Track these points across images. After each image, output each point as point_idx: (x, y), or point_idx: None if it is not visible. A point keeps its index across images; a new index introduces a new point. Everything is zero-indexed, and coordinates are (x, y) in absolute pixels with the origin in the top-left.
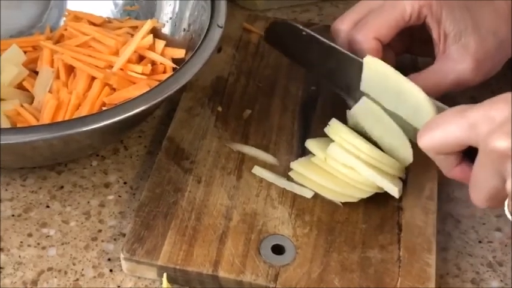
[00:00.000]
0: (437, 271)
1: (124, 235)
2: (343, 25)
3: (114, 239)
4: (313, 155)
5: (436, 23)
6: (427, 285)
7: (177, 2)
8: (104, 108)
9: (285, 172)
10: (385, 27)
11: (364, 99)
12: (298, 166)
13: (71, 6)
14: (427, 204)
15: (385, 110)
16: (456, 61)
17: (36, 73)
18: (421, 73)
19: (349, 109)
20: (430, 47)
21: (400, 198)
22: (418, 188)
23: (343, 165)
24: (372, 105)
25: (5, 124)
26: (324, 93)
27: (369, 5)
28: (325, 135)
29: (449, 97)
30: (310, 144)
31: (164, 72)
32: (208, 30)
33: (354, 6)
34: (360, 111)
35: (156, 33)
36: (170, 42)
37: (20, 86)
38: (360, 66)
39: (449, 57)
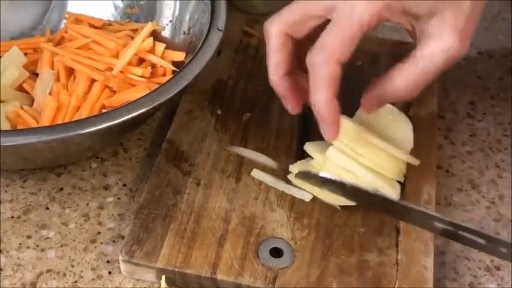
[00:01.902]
0: (435, 275)
1: (123, 237)
2: (276, 25)
3: (113, 241)
4: (312, 158)
5: (402, 15)
6: None
7: (177, 5)
8: (103, 111)
9: (284, 175)
10: (346, 43)
11: None
12: (296, 169)
13: (72, 8)
14: (425, 208)
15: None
16: (438, 39)
17: (37, 75)
18: (405, 64)
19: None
20: None
21: None
22: (416, 191)
23: (341, 168)
24: None
25: (5, 126)
26: None
27: (310, 11)
28: (324, 139)
29: (449, 102)
30: (309, 147)
31: (164, 75)
32: (208, 33)
33: (290, 5)
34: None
35: (156, 36)
36: (170, 45)
37: (20, 88)
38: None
39: (429, 37)
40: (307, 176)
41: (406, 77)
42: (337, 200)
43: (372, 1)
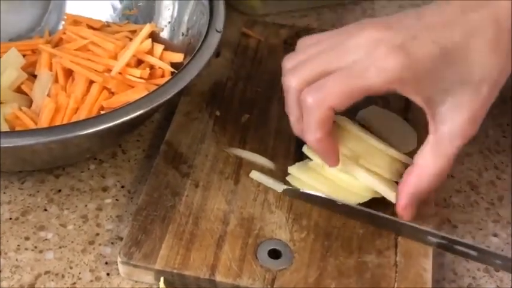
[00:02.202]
0: (433, 276)
1: (121, 239)
2: (294, 82)
3: (112, 243)
4: (311, 159)
5: (414, 94)
6: None
7: (176, 6)
8: (102, 112)
9: (282, 177)
10: (345, 96)
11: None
12: (295, 171)
13: (70, 10)
14: (424, 210)
15: None
16: (453, 124)
17: (35, 77)
18: (420, 160)
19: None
20: None
21: None
22: None
23: (340, 170)
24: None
25: (4, 128)
26: None
27: (331, 62)
28: None
29: None
30: (308, 149)
31: (162, 76)
32: (206, 34)
33: (312, 56)
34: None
35: (154, 37)
36: (169, 47)
37: (19, 90)
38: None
39: (442, 121)
40: (296, 194)
41: (427, 177)
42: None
43: (386, 70)
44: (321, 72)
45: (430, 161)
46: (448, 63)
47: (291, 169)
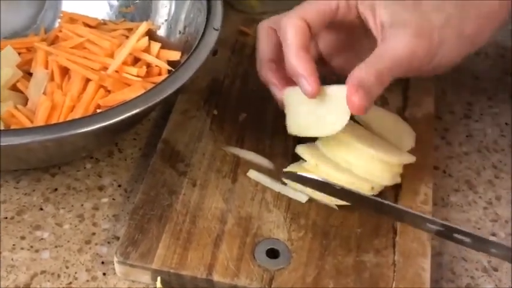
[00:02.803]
0: (432, 275)
1: (118, 238)
2: (266, 21)
3: (108, 242)
4: (305, 160)
5: (370, 11)
6: None
7: (173, 4)
8: (98, 111)
9: (280, 176)
10: (313, 12)
11: None
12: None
13: (66, 7)
14: (422, 209)
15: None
16: (397, 38)
17: (31, 75)
18: (364, 63)
19: None
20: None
21: (395, 203)
22: (413, 192)
23: (335, 168)
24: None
25: None
26: None
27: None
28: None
29: (446, 102)
30: (301, 150)
31: (159, 74)
32: (204, 32)
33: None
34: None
35: (151, 35)
36: (166, 45)
37: (14, 88)
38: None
39: (389, 37)
40: (295, 177)
41: (373, 69)
42: (333, 200)
43: None
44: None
45: (373, 64)
46: None
47: (286, 170)
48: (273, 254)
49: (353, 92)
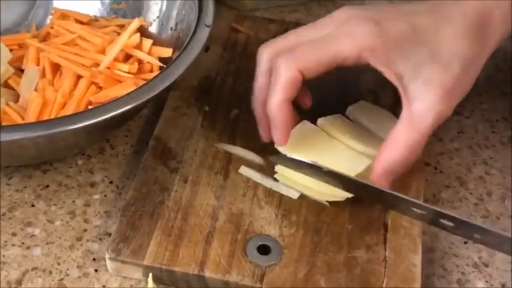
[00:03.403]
0: (423, 272)
1: (109, 235)
2: (268, 49)
3: (100, 239)
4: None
5: (384, 67)
6: (412, 285)
7: (164, 1)
8: (90, 107)
9: (271, 172)
10: (314, 62)
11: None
12: (282, 169)
13: (58, 4)
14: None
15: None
16: (424, 99)
17: (22, 71)
18: (394, 133)
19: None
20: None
21: None
22: (405, 188)
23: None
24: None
25: None
26: (312, 94)
27: (304, 35)
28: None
29: None
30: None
31: (151, 71)
32: (195, 29)
33: (286, 33)
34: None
35: (143, 32)
36: (157, 41)
37: (6, 84)
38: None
39: (415, 98)
40: (284, 159)
41: (401, 147)
42: (325, 197)
43: (356, 35)
44: (293, 44)
45: (403, 136)
46: (418, 41)
47: (278, 168)
48: (264, 250)
49: (378, 176)
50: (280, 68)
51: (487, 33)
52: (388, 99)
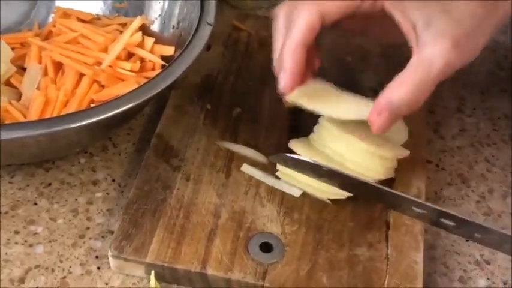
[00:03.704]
0: (424, 269)
1: (112, 232)
2: (284, 7)
3: (102, 237)
4: (298, 154)
5: (400, 12)
6: (414, 283)
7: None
8: (92, 105)
9: (273, 170)
10: (334, 4)
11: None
12: (284, 167)
13: (60, 3)
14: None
15: None
16: (435, 46)
17: (24, 70)
18: (403, 73)
19: None
20: (393, 30)
21: None
22: (406, 186)
23: (328, 163)
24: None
25: None
26: None
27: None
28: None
29: (438, 96)
30: (294, 144)
31: (153, 69)
32: (197, 27)
33: None
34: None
35: (145, 30)
36: (159, 40)
37: (8, 83)
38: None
39: (425, 44)
40: (283, 159)
41: (408, 84)
42: (327, 195)
43: None
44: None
45: (412, 75)
46: None
47: (280, 165)
48: (266, 248)
49: (374, 115)
50: (300, 11)
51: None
52: None
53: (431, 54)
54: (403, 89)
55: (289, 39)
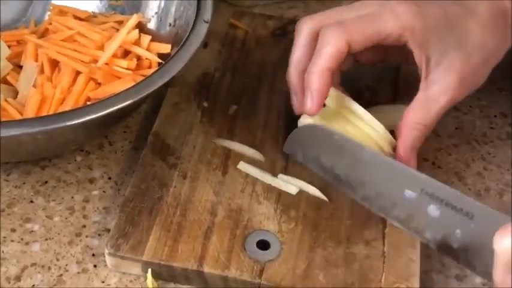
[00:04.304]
0: (421, 267)
1: (108, 230)
2: (310, 22)
3: (99, 235)
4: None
5: (418, 48)
6: (411, 280)
7: None
8: (88, 103)
9: (270, 168)
10: (361, 35)
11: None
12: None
13: (56, 0)
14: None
15: None
16: (441, 84)
17: (21, 67)
18: (410, 106)
19: None
20: (408, 56)
21: None
22: None
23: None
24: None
25: None
26: None
27: (345, 14)
28: None
29: None
30: (306, 120)
31: (150, 67)
32: (194, 25)
33: (325, 11)
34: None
35: (141, 28)
36: (156, 37)
37: (4, 81)
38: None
39: (434, 81)
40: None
41: (419, 123)
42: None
43: (399, 15)
44: (337, 19)
45: (417, 116)
46: (449, 26)
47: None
48: (263, 245)
49: (406, 157)
50: (329, 38)
51: (506, 28)
52: (386, 96)
53: (436, 92)
54: (414, 132)
55: (317, 65)
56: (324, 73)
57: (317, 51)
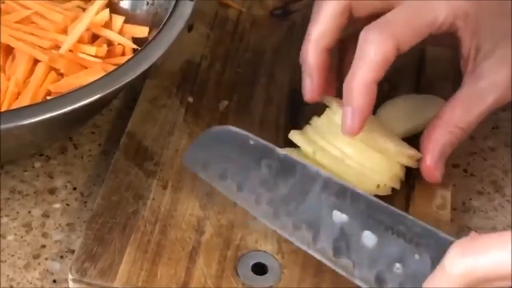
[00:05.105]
0: None
1: (73, 252)
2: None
3: (61, 257)
4: (299, 147)
5: (469, 37)
6: None
7: None
8: (48, 98)
9: None
10: (408, 33)
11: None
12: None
13: None
14: (439, 214)
15: None
16: (491, 79)
17: None
18: (447, 104)
19: None
20: (443, 39)
21: (407, 207)
22: (428, 195)
23: (335, 159)
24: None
25: None
26: None
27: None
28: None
29: None
30: (295, 136)
31: (123, 54)
32: (176, 3)
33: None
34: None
35: (113, 7)
36: (130, 19)
37: None
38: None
39: (481, 76)
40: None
41: (447, 116)
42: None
43: (452, 2)
44: (382, 7)
45: (457, 116)
46: (503, 14)
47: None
48: (259, 269)
49: (434, 164)
50: (374, 43)
51: None
52: (407, 89)
53: (484, 87)
54: (448, 135)
55: (361, 76)
56: (370, 87)
57: (359, 59)
